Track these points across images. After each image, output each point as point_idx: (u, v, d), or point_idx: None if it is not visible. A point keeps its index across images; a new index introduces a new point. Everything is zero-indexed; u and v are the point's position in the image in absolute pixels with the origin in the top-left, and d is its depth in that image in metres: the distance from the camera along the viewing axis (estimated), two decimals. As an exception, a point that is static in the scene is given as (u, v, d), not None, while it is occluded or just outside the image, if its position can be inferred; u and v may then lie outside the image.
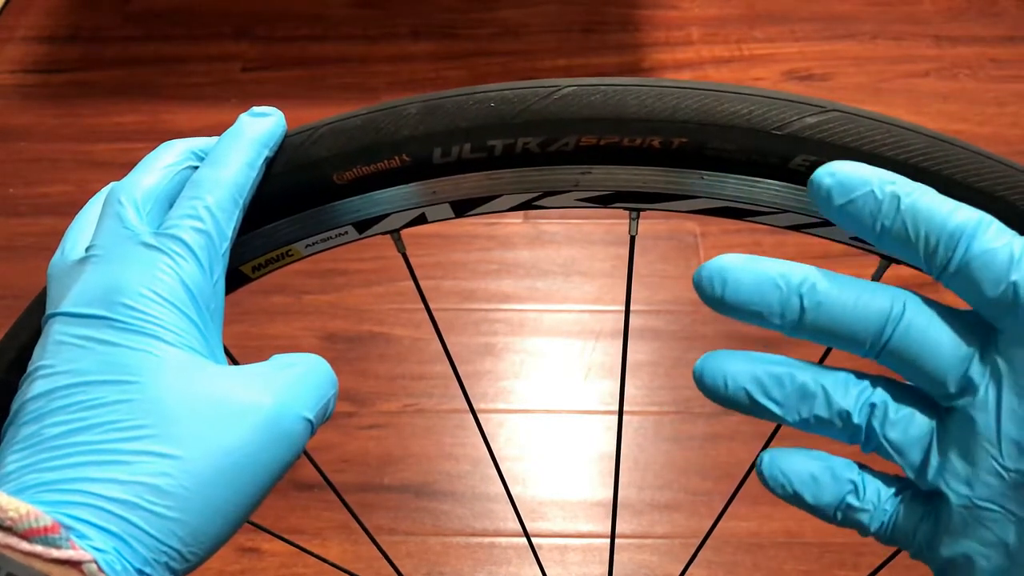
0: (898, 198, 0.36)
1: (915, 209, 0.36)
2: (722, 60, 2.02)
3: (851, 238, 0.46)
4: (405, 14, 2.16)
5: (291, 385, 0.41)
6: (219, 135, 0.47)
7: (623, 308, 1.60)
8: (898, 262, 0.47)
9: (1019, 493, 0.35)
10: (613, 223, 1.73)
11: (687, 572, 1.29)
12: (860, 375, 0.39)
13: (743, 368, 0.39)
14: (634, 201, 0.47)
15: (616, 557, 1.33)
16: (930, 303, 0.37)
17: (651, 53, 2.04)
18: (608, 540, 1.34)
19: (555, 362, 1.54)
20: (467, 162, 0.45)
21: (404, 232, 0.50)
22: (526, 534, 0.73)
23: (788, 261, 0.38)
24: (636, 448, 1.42)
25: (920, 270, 0.37)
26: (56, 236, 0.41)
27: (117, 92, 2.01)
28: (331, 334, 1.59)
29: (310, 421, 0.41)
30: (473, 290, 1.64)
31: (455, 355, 1.54)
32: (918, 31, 2.06)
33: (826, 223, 0.46)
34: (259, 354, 0.43)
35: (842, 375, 0.38)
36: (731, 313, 0.38)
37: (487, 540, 1.34)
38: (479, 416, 1.48)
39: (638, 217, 0.48)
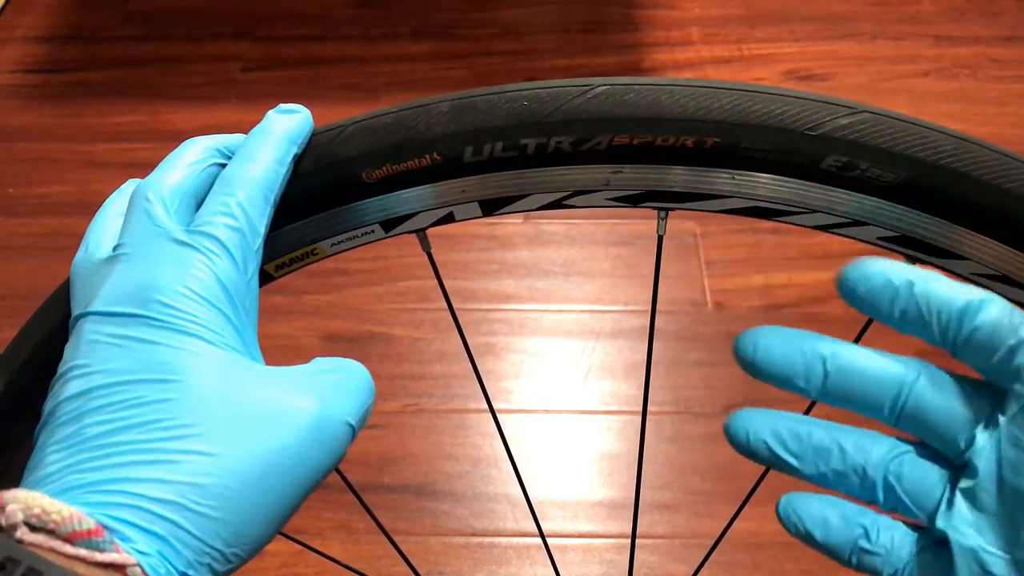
0: (911, 284, 0.38)
1: (927, 293, 0.38)
2: (722, 60, 2.03)
3: (878, 239, 0.46)
4: (405, 14, 2.16)
5: (335, 390, 0.41)
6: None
7: (623, 308, 1.62)
8: (922, 261, 0.47)
9: (1020, 539, 0.36)
10: (614, 223, 1.73)
11: (686, 573, 1.29)
12: (877, 435, 0.40)
13: (765, 423, 0.41)
14: (664, 201, 0.47)
15: (616, 557, 1.33)
16: (942, 372, 0.39)
17: (651, 53, 2.05)
18: (607, 540, 1.34)
19: (555, 362, 1.54)
20: (498, 161, 0.45)
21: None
22: (541, 534, 0.73)
23: (816, 334, 0.40)
24: (636, 448, 1.42)
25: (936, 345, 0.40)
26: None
27: (117, 92, 2.00)
28: (331, 334, 1.58)
29: (352, 426, 0.41)
30: (473, 290, 1.64)
31: (455, 355, 1.55)
32: (918, 31, 2.07)
33: (855, 223, 0.46)
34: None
35: (859, 433, 0.40)
36: (762, 377, 0.40)
37: (487, 540, 1.34)
38: (483, 415, 1.48)
39: (667, 217, 0.48)
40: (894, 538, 0.40)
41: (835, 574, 1.36)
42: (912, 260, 0.47)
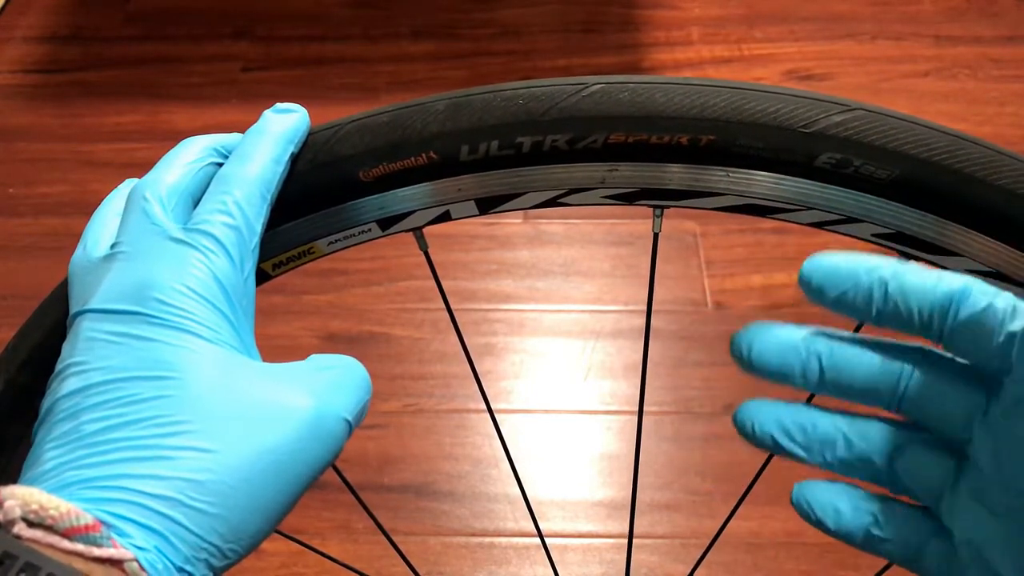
0: (885, 283, 0.37)
1: (902, 290, 0.37)
2: (722, 60, 2.03)
3: (872, 235, 0.47)
4: (405, 14, 2.16)
5: (332, 387, 0.41)
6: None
7: (623, 308, 1.62)
8: (916, 258, 0.47)
9: (1014, 531, 0.36)
10: (613, 223, 1.73)
11: (686, 573, 1.29)
12: (881, 423, 0.40)
13: (770, 416, 0.41)
14: (659, 199, 0.47)
15: (616, 557, 1.33)
16: (941, 357, 0.39)
17: (651, 53, 2.05)
18: (607, 540, 1.34)
19: (555, 362, 1.54)
20: (494, 159, 0.45)
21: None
22: (540, 534, 0.73)
23: (811, 328, 0.40)
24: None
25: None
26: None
27: (117, 92, 2.00)
28: (331, 334, 1.58)
29: (349, 423, 0.41)
30: (473, 290, 1.64)
31: (455, 355, 1.55)
32: (918, 31, 2.07)
33: (849, 220, 0.46)
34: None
35: (864, 421, 0.40)
36: (758, 374, 0.40)
37: (487, 540, 1.34)
38: (483, 415, 1.48)
39: (662, 214, 0.48)
40: (904, 525, 0.39)
41: (834, 574, 1.36)
42: (906, 257, 0.47)
